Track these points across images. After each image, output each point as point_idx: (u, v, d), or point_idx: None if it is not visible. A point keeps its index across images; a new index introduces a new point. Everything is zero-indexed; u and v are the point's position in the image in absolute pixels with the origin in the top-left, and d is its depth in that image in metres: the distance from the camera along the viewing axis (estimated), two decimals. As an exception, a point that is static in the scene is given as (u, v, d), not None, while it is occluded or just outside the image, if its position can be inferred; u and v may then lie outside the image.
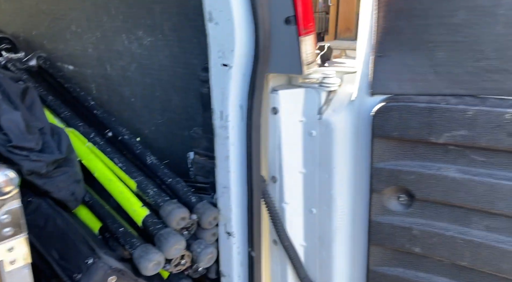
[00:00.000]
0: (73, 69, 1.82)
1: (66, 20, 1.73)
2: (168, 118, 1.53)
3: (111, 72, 1.65)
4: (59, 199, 1.12)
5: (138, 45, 1.49)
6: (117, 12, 1.49)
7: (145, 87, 1.55)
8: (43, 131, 1.19)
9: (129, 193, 1.15)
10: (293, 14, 0.92)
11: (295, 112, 1.08)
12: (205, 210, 1.13)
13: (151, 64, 1.48)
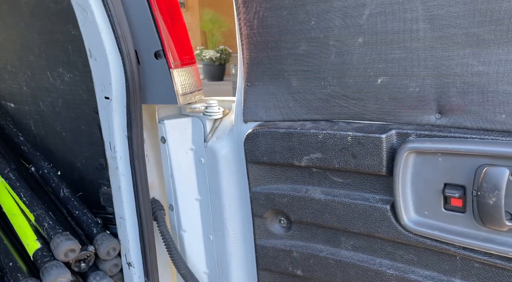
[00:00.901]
0: (14, 107, 1.88)
1: (3, 60, 1.79)
2: (94, 151, 1.56)
3: (44, 108, 1.70)
4: (-43, 236, 1.13)
5: (61, 81, 1.54)
6: (41, 51, 1.55)
7: (72, 121, 1.59)
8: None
9: (28, 226, 1.16)
10: (161, 48, 0.97)
11: (184, 140, 1.10)
12: (103, 241, 1.14)
13: (73, 99, 1.53)
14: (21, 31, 1.57)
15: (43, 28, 1.45)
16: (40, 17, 1.44)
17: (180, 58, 1.01)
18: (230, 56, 10.45)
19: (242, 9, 0.91)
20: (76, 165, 1.64)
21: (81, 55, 1.39)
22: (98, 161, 1.52)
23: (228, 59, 10.35)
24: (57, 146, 1.71)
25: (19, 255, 1.12)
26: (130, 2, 0.94)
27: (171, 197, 1.15)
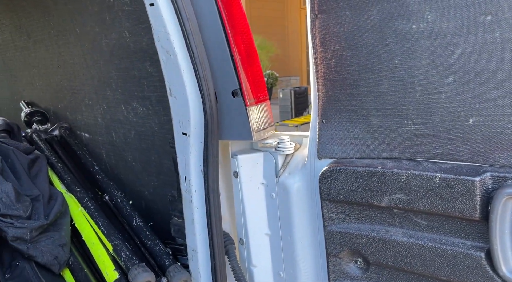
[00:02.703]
0: (88, 137, 2.01)
1: (81, 94, 1.94)
2: (163, 181, 1.62)
3: (116, 139, 1.80)
4: (43, 263, 1.20)
5: (134, 114, 1.64)
6: (117, 86, 1.66)
7: (142, 152, 1.67)
8: (37, 199, 1.32)
9: (106, 256, 1.22)
10: (238, 87, 1.00)
11: (256, 175, 1.12)
12: (176, 273, 1.16)
13: (145, 131, 1.61)
14: (100, 68, 1.70)
15: (121, 65, 1.56)
16: (119, 56, 1.55)
17: (255, 96, 1.03)
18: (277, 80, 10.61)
19: (319, 47, 0.92)
20: (144, 194, 1.71)
21: (155, 90, 1.47)
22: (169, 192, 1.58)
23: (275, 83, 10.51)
24: (127, 175, 1.80)
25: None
26: (211, 44, 0.99)
27: (241, 231, 1.16)
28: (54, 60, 2.04)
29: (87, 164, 1.79)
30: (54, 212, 1.29)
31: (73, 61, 1.88)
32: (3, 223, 1.14)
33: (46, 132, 2.11)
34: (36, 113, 2.31)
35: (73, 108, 2.06)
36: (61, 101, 2.18)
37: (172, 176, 1.58)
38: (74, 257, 1.28)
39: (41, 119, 2.30)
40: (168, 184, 1.58)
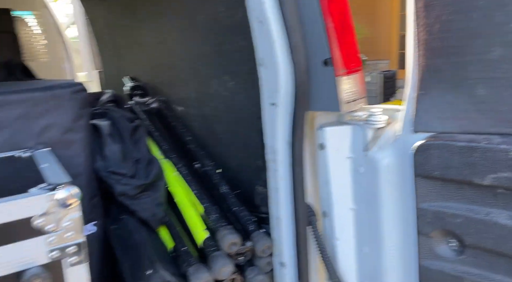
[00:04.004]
0: (182, 110, 2.15)
1: (178, 69, 2.07)
2: (248, 153, 1.67)
3: (207, 112, 1.90)
4: (143, 219, 1.34)
5: (224, 88, 1.70)
6: (210, 61, 1.74)
7: (230, 125, 1.74)
8: (139, 161, 1.46)
9: (197, 217, 1.31)
10: (329, 57, 0.98)
11: (342, 148, 1.09)
12: (259, 239, 1.20)
13: (234, 104, 1.67)
14: (195, 44, 1.79)
15: (215, 40, 1.63)
16: (213, 31, 1.62)
17: (347, 66, 1.00)
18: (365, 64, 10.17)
19: (422, 13, 0.85)
20: (230, 165, 1.79)
21: (246, 63, 1.51)
22: (254, 164, 1.63)
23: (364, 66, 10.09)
24: (215, 147, 1.90)
25: (189, 242, 1.27)
26: (305, 12, 0.98)
27: (325, 204, 1.15)
28: (155, 37, 2.20)
29: (181, 135, 1.92)
30: (153, 174, 1.41)
31: (171, 38, 2.01)
32: (112, 179, 1.29)
33: (146, 105, 2.30)
34: (138, 88, 2.53)
35: (170, 83, 2.21)
36: (160, 76, 2.35)
37: (257, 149, 1.63)
38: (168, 217, 1.40)
39: (142, 93, 2.51)
40: (254, 156, 1.63)
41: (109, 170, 1.30)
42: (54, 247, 0.81)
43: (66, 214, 0.82)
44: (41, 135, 1.21)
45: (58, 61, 4.78)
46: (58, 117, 1.23)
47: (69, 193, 0.81)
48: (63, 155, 1.19)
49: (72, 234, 0.83)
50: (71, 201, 0.82)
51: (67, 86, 1.26)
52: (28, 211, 0.78)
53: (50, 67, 4.26)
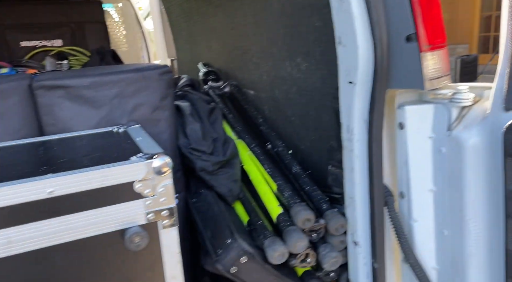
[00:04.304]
0: (253, 94, 2.21)
1: (250, 53, 2.13)
2: (319, 135, 1.68)
3: (278, 95, 1.94)
4: (220, 193, 1.42)
5: (297, 70, 1.72)
6: (283, 43, 1.77)
7: (301, 107, 1.76)
8: (216, 140, 1.54)
9: (271, 193, 1.36)
10: (413, 32, 0.95)
11: (424, 128, 1.06)
12: (333, 217, 1.22)
13: (306, 86, 1.68)
14: (269, 27, 1.83)
15: (289, 22, 1.65)
16: (287, 13, 1.63)
17: (432, 42, 0.97)
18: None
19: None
20: (301, 148, 1.81)
21: (320, 44, 1.51)
22: (325, 146, 1.64)
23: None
24: (286, 129, 1.93)
25: (264, 216, 1.32)
26: (388, -13, 0.96)
27: (402, 185, 1.13)
28: (229, 22, 2.28)
29: (252, 117, 1.98)
30: (229, 152, 1.49)
31: (245, 22, 2.06)
32: (193, 155, 1.38)
33: (219, 89, 2.39)
34: (211, 73, 2.63)
35: (242, 67, 2.28)
36: (232, 61, 2.42)
37: (329, 130, 1.63)
38: (243, 193, 1.47)
39: (215, 78, 2.62)
40: (325, 138, 1.64)
41: (190, 147, 1.39)
42: (150, 210, 0.90)
43: (160, 181, 0.90)
44: (132, 113, 1.33)
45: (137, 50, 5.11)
46: (148, 96, 1.34)
47: (164, 161, 0.90)
48: (151, 131, 1.30)
49: (165, 199, 0.92)
50: (165, 169, 0.90)
51: (155, 68, 1.36)
52: (130, 176, 0.87)
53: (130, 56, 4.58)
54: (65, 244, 0.83)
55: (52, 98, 1.24)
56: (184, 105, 1.61)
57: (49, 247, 0.82)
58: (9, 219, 0.78)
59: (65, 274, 0.85)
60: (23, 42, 2.39)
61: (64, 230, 0.83)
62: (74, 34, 2.53)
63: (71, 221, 0.83)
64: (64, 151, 1.03)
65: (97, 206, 0.86)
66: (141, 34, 5.25)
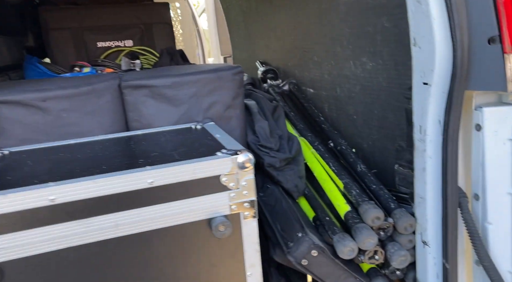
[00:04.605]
0: (313, 92, 2.25)
1: (311, 52, 2.16)
2: (383, 134, 1.69)
3: (340, 94, 1.96)
4: (286, 189, 1.47)
5: (362, 69, 1.73)
6: (348, 43, 1.78)
7: (365, 106, 1.77)
8: (281, 137, 1.60)
9: (337, 191, 1.39)
10: (497, 34, 0.94)
11: (503, 130, 1.05)
12: (401, 216, 1.24)
13: (371, 85, 1.69)
14: (333, 27, 1.85)
15: (356, 22, 1.66)
16: (355, 13, 1.65)
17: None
18: None
19: None
20: (363, 146, 1.83)
21: (389, 45, 1.52)
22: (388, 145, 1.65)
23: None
24: (347, 127, 1.95)
25: (332, 213, 1.36)
26: (472, -11, 0.96)
27: (477, 187, 1.13)
28: (290, 22, 2.32)
29: (313, 115, 2.02)
30: (294, 149, 1.54)
31: (308, 22, 2.10)
32: (262, 152, 1.45)
33: (278, 87, 2.45)
34: (270, 71, 2.70)
35: (302, 66, 2.32)
36: (291, 60, 2.47)
37: (395, 130, 1.63)
38: (308, 189, 1.52)
39: (273, 76, 2.68)
40: (389, 137, 1.64)
41: (259, 143, 1.46)
42: (234, 202, 0.98)
43: (243, 175, 0.97)
44: (207, 111, 1.42)
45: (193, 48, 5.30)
46: (221, 95, 1.42)
47: (247, 157, 0.97)
48: (223, 128, 1.38)
49: (247, 192, 0.99)
50: (248, 164, 0.97)
51: (229, 68, 1.44)
52: (218, 170, 0.95)
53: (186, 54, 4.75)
54: (161, 229, 0.93)
55: (137, 97, 1.35)
56: (251, 103, 1.69)
57: (148, 232, 0.92)
58: (116, 205, 0.88)
59: (159, 255, 0.94)
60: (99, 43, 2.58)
61: (161, 217, 0.92)
62: (143, 35, 2.70)
63: (166, 209, 0.93)
64: (153, 145, 1.13)
65: (188, 197, 0.94)
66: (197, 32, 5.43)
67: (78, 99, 1.26)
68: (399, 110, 1.55)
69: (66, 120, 1.25)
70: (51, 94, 1.22)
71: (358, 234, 1.18)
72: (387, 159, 1.63)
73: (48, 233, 0.84)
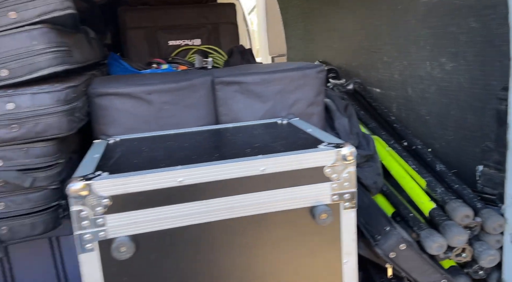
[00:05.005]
0: (380, 92, 2.26)
1: (380, 52, 2.18)
2: (461, 135, 1.68)
3: (411, 94, 1.96)
4: (365, 185, 1.51)
5: (439, 70, 1.73)
6: (425, 43, 1.79)
7: (441, 106, 1.77)
8: (358, 134, 1.63)
9: (419, 189, 1.41)
10: None
11: None
12: (490, 216, 1.24)
13: (449, 86, 1.69)
14: (409, 27, 1.86)
15: (437, 23, 1.67)
16: (436, 14, 1.66)
17: None
18: None
19: None
20: (434, 147, 1.82)
21: (474, 45, 1.51)
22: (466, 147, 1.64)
23: None
24: (416, 127, 1.95)
25: (414, 209, 1.38)
26: None
27: None
28: (358, 23, 2.34)
29: (383, 115, 2.03)
30: (372, 146, 1.57)
31: (379, 23, 2.11)
32: (344, 148, 1.49)
33: (342, 86, 2.48)
34: (332, 70, 2.73)
35: (368, 66, 2.33)
36: (356, 59, 2.49)
37: (474, 131, 1.62)
38: (386, 186, 1.54)
39: (335, 76, 2.71)
40: (468, 138, 1.63)
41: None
42: (335, 192, 1.03)
43: (346, 167, 1.02)
44: (291, 107, 1.48)
45: (245, 48, 5.38)
46: (305, 92, 1.48)
47: (351, 150, 1.02)
48: (306, 124, 1.44)
49: (348, 184, 1.04)
50: (350, 157, 1.02)
51: (313, 67, 1.50)
52: (322, 161, 1.01)
53: (238, 54, 4.84)
54: (268, 214, 1.00)
55: (228, 92, 1.44)
56: (328, 101, 1.73)
57: (257, 215, 0.99)
58: (232, 189, 0.96)
59: (265, 239, 1.01)
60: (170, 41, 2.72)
61: (269, 202, 0.99)
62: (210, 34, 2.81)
63: (275, 195, 0.99)
64: (250, 137, 1.21)
65: (294, 185, 1.00)
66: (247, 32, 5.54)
67: (178, 93, 1.36)
68: (480, 111, 1.54)
69: (167, 112, 1.35)
70: (155, 88, 1.32)
71: (448, 231, 1.19)
72: (464, 160, 1.62)
73: (176, 211, 0.93)
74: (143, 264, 0.93)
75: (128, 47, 2.67)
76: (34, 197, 1.06)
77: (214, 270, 0.97)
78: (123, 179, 0.89)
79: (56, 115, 1.04)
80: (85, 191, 0.86)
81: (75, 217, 0.87)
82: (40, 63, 1.04)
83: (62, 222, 1.15)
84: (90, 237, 0.88)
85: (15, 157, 1.01)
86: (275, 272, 1.02)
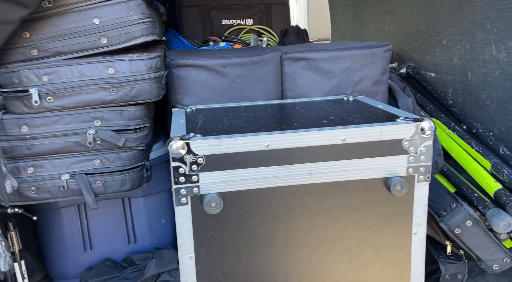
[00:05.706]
0: (434, 76, 2.23)
1: (439, 36, 2.15)
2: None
3: (471, 78, 1.94)
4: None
5: (506, 54, 1.70)
6: (492, 26, 1.76)
7: (504, 91, 1.74)
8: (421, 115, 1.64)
9: (483, 170, 1.42)
10: None
11: None
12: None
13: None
14: (475, 10, 1.83)
15: (507, 5, 1.64)
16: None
17: None
18: None
19: None
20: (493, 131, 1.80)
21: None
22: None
23: None
24: (474, 113, 1.93)
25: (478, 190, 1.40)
26: None
27: None
28: (415, 6, 2.31)
29: (440, 98, 2.02)
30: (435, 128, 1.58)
31: (440, 5, 2.08)
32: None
33: (395, 69, 2.46)
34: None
35: (423, 50, 2.30)
36: (410, 43, 2.46)
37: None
38: (447, 167, 1.56)
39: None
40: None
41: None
42: (411, 165, 1.06)
43: (423, 141, 1.05)
44: (357, 85, 1.51)
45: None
46: (371, 71, 1.50)
47: (430, 124, 1.04)
48: (371, 102, 1.46)
49: (424, 158, 1.06)
50: (429, 131, 1.05)
51: (381, 46, 1.51)
52: (402, 134, 1.04)
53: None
54: (346, 181, 1.05)
55: (295, 68, 1.48)
56: (389, 81, 1.74)
57: (335, 182, 1.04)
58: (313, 156, 1.01)
59: (341, 205, 1.06)
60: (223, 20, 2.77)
61: (348, 171, 1.04)
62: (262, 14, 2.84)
63: (354, 164, 1.04)
64: (322, 110, 1.25)
65: (372, 156, 1.04)
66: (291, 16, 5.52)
67: (250, 67, 1.41)
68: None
69: (238, 84, 1.41)
70: (230, 61, 1.38)
71: (516, 211, 1.21)
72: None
73: (262, 173, 0.99)
74: (228, 221, 1.00)
75: (183, 25, 2.74)
76: (125, 156, 1.15)
77: (292, 231, 1.04)
78: (217, 140, 0.95)
79: (148, 81, 1.11)
80: (184, 150, 0.94)
81: (174, 173, 0.94)
82: (135, 32, 1.11)
83: (145, 181, 1.24)
84: (185, 192, 0.96)
85: (112, 118, 1.10)
86: (347, 238, 1.07)
